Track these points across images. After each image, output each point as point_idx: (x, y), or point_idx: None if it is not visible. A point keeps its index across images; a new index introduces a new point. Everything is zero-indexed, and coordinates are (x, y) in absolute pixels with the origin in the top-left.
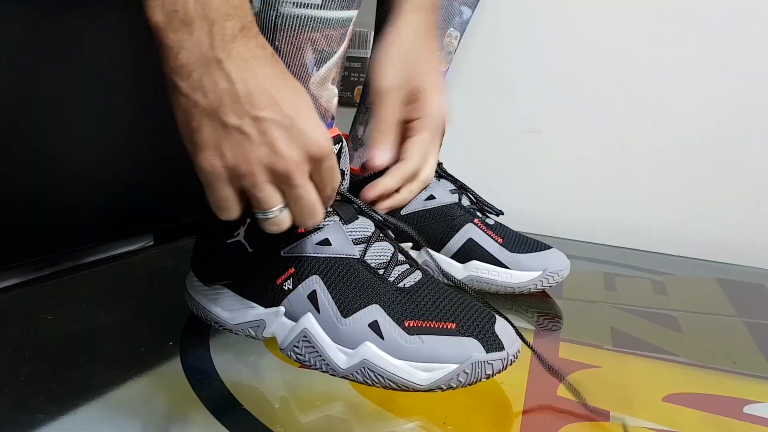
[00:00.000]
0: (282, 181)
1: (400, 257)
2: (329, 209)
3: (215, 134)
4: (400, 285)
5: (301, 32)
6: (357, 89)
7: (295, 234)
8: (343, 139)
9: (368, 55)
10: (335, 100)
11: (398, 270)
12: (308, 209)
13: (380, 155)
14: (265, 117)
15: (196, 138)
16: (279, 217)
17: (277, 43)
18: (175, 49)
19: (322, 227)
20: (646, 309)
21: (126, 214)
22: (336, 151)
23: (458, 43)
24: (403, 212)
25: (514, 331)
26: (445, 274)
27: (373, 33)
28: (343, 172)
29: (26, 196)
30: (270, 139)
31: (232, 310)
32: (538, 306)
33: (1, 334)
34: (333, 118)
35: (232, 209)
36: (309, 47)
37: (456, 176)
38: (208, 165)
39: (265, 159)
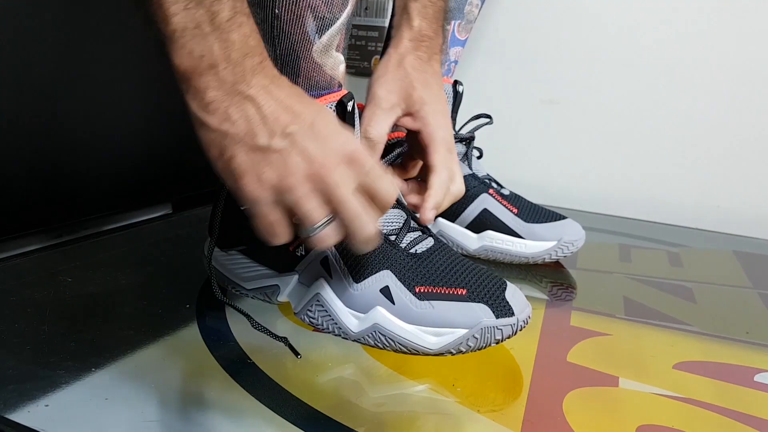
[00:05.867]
0: (323, 187)
1: (413, 224)
2: None
3: (250, 159)
4: (412, 251)
5: None
6: (374, 59)
7: None
8: (354, 99)
9: (386, 25)
10: (342, 66)
11: (410, 236)
12: (355, 216)
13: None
14: (293, 130)
15: (232, 167)
16: (327, 231)
17: (277, 11)
18: (202, 90)
19: None
20: (661, 280)
21: (146, 184)
22: (350, 108)
23: (479, 11)
24: None
25: (524, 298)
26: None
27: (391, 2)
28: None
29: (50, 165)
30: (301, 148)
31: (247, 275)
32: (551, 276)
33: (22, 295)
34: (340, 86)
35: (282, 233)
36: (309, 14)
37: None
38: (251, 190)
39: (302, 168)
